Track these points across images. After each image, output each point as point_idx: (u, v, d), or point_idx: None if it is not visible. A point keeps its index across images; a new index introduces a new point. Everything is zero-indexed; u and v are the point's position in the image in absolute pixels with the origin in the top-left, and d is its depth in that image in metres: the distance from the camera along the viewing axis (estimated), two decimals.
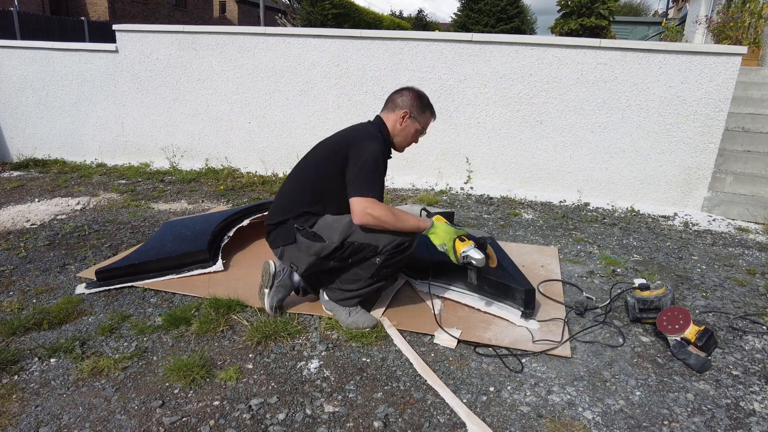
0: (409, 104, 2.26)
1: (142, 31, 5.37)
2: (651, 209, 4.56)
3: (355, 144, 2.13)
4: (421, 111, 2.29)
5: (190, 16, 27.25)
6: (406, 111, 2.26)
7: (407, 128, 2.29)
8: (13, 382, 1.84)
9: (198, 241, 2.87)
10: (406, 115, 2.26)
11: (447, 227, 2.16)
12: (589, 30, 14.14)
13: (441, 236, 2.12)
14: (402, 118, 2.26)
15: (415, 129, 2.30)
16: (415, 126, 2.29)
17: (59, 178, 5.05)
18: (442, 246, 2.12)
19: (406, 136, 2.31)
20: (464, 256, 2.08)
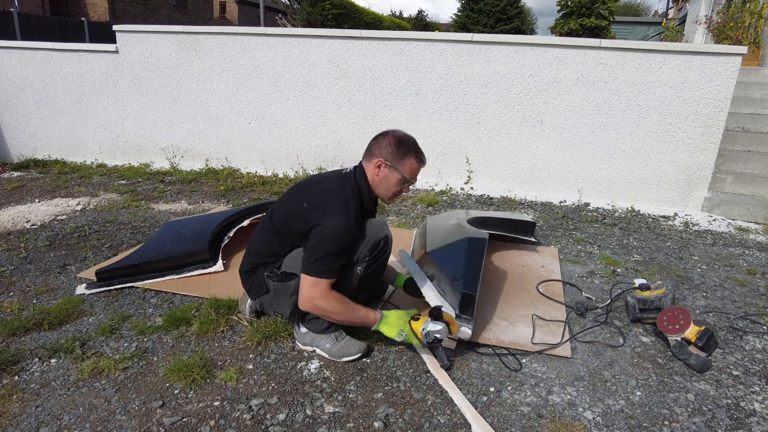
0: (385, 152, 1.98)
1: (143, 32, 5.37)
2: (651, 209, 4.56)
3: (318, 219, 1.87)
4: (399, 158, 1.98)
5: (190, 17, 27.26)
6: (380, 160, 1.98)
7: (386, 179, 2.00)
8: (14, 382, 1.84)
9: (198, 241, 2.87)
10: (382, 165, 1.98)
11: (397, 313, 1.96)
12: (589, 30, 14.15)
13: (394, 324, 1.93)
14: (378, 168, 1.99)
15: (396, 179, 2.00)
16: (394, 176, 1.99)
17: (59, 178, 5.05)
18: (400, 334, 1.91)
19: (388, 187, 2.02)
20: (425, 334, 1.90)
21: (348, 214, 1.88)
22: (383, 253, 2.00)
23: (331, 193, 1.95)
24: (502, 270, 2.98)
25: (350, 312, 1.91)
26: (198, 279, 2.70)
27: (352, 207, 1.92)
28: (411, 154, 2.01)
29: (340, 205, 1.90)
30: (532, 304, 2.54)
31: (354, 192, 1.98)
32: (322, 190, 1.98)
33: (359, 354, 2.00)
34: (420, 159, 2.04)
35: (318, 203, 1.92)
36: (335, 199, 1.92)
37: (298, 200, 1.99)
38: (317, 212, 1.89)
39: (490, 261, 3.11)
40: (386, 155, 1.98)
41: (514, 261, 3.14)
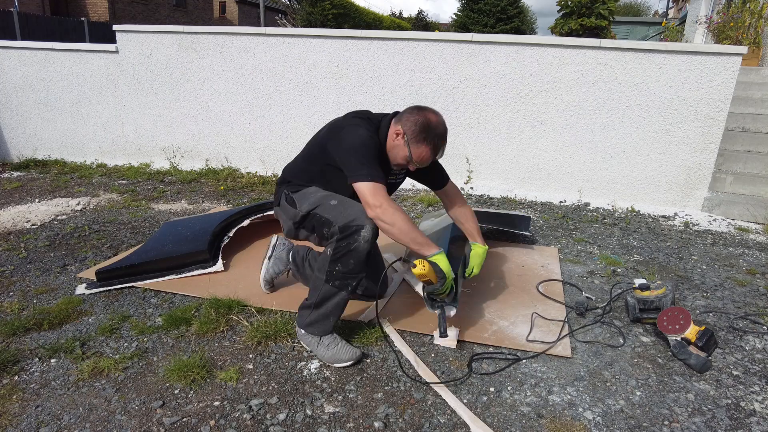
0: (409, 126, 2.00)
1: (143, 32, 5.37)
2: (651, 209, 4.56)
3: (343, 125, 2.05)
4: (416, 140, 2.00)
5: (190, 17, 27.26)
6: (401, 131, 2.01)
7: (396, 148, 2.05)
8: (14, 382, 1.84)
9: (198, 241, 2.87)
10: (399, 135, 2.02)
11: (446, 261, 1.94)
12: (589, 30, 14.16)
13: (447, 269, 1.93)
14: (396, 135, 2.04)
15: (404, 154, 2.03)
16: (405, 151, 2.03)
17: (59, 178, 5.05)
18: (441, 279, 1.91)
19: (395, 156, 2.08)
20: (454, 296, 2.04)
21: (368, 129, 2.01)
22: (353, 242, 1.88)
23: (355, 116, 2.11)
24: (502, 270, 2.98)
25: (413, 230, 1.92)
26: (198, 279, 2.70)
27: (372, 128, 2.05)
28: (428, 143, 2.01)
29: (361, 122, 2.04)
30: (532, 304, 2.54)
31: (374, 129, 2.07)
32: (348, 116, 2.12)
33: (351, 361, 1.97)
34: (434, 151, 2.05)
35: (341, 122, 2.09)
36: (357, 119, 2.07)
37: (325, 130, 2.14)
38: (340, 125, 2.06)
39: (490, 260, 3.11)
40: (407, 129, 2.01)
41: (514, 261, 3.14)
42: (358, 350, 2.02)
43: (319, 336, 2.01)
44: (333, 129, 2.09)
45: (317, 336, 2.02)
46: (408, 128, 2.00)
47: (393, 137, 2.05)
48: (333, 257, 1.92)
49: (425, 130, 2.00)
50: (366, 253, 1.91)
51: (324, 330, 2.01)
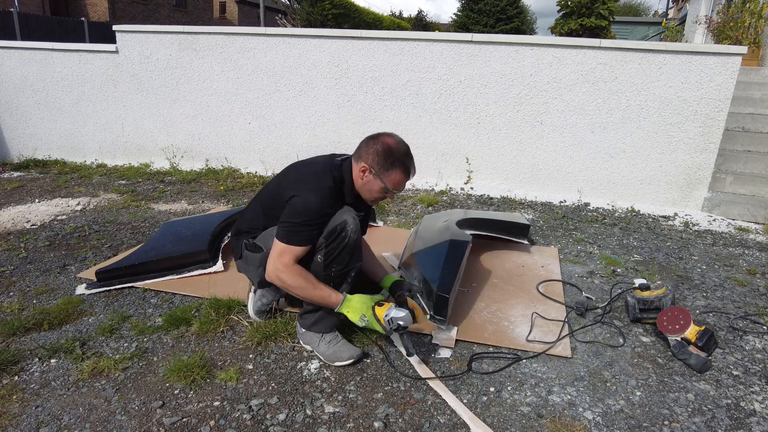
0: (372, 159, 1.92)
1: (143, 32, 5.37)
2: (651, 209, 4.56)
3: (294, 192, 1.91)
4: (384, 168, 1.92)
5: (190, 17, 27.26)
6: (365, 166, 1.93)
7: (369, 184, 1.97)
8: (14, 382, 1.84)
9: (198, 241, 2.87)
10: (366, 170, 1.94)
11: (361, 297, 1.95)
12: (589, 30, 14.16)
13: (356, 308, 1.92)
14: (362, 173, 1.95)
15: (378, 187, 1.95)
16: (377, 184, 1.95)
17: (59, 178, 5.05)
18: (362, 319, 1.90)
19: (371, 192, 2.00)
20: (388, 321, 1.89)
21: (323, 194, 1.89)
22: (342, 241, 1.89)
23: (313, 174, 1.98)
24: (502, 270, 2.98)
25: (312, 288, 1.89)
26: (198, 279, 2.70)
27: (328, 189, 1.92)
28: (397, 166, 1.94)
29: (317, 184, 1.92)
30: (532, 304, 2.54)
31: (336, 179, 1.97)
32: (307, 171, 2.01)
33: (351, 360, 1.97)
34: (406, 172, 1.98)
35: (298, 180, 1.97)
36: (315, 179, 1.95)
37: (285, 180, 2.05)
38: (295, 187, 1.93)
39: (490, 261, 3.11)
40: (372, 162, 1.93)
41: (514, 261, 3.14)
42: (358, 349, 2.03)
43: (321, 333, 2.02)
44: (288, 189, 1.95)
45: (319, 333, 2.03)
46: (371, 161, 1.93)
47: (360, 176, 1.97)
48: (326, 262, 1.93)
49: (388, 154, 1.93)
50: (356, 241, 1.94)
51: (327, 327, 2.03)
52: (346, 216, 1.92)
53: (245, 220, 2.20)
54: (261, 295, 2.26)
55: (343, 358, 1.98)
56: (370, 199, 2.05)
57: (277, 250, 1.88)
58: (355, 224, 1.92)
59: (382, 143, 1.94)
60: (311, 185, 1.92)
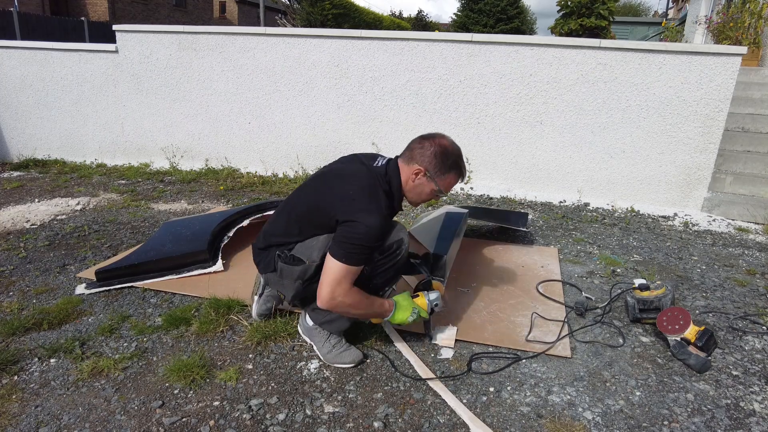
0: (428, 161, 1.87)
1: (142, 32, 5.37)
2: (651, 209, 4.56)
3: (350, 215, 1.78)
4: (441, 172, 1.89)
5: (190, 17, 27.26)
6: (420, 169, 1.88)
7: (420, 187, 1.92)
8: (13, 382, 1.84)
9: (198, 241, 2.87)
10: (420, 173, 1.89)
11: (402, 296, 1.98)
12: (589, 30, 14.16)
13: (406, 307, 1.95)
14: (415, 175, 1.90)
15: (431, 189, 1.92)
16: (430, 186, 1.91)
17: (59, 178, 5.05)
18: (413, 313, 1.95)
19: (420, 195, 1.95)
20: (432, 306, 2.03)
21: (382, 215, 1.81)
22: (396, 257, 1.91)
23: (364, 191, 1.84)
24: (501, 270, 2.98)
25: (370, 304, 1.87)
26: (197, 279, 2.70)
27: (385, 209, 1.85)
28: (454, 170, 1.92)
29: (375, 205, 1.81)
30: (531, 304, 2.54)
31: (386, 191, 1.89)
32: (355, 187, 1.86)
33: (353, 364, 1.98)
34: (460, 175, 1.96)
35: (350, 199, 1.82)
36: (369, 198, 1.82)
37: (327, 195, 1.90)
38: (349, 209, 1.80)
39: (490, 261, 3.11)
40: (428, 165, 1.88)
41: (513, 261, 3.14)
42: (360, 353, 2.02)
43: (330, 333, 2.01)
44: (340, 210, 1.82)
45: (327, 333, 2.01)
46: (427, 163, 1.88)
47: (413, 179, 1.91)
48: (372, 273, 1.89)
49: (445, 157, 1.89)
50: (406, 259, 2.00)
51: (338, 329, 2.01)
52: (403, 235, 1.93)
53: (276, 232, 2.03)
54: (266, 300, 2.24)
55: (345, 361, 1.98)
56: (418, 200, 2.00)
57: (337, 275, 1.76)
58: (408, 242, 1.94)
59: (438, 145, 1.89)
60: (369, 208, 1.79)
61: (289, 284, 1.97)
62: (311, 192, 2.00)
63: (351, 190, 1.85)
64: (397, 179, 1.93)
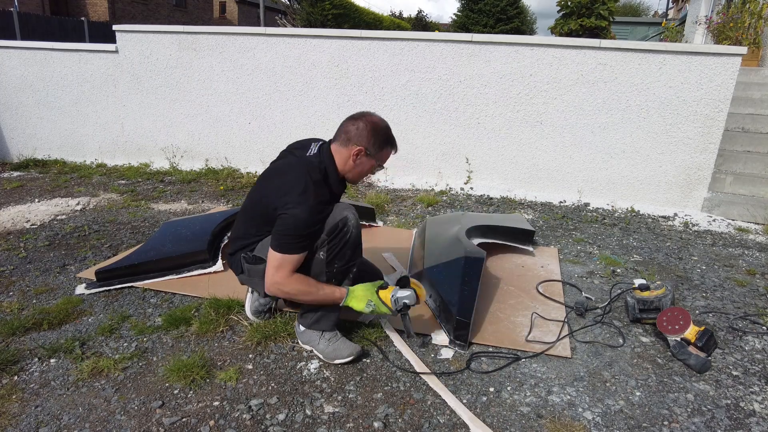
0: (365, 141, 1.97)
1: (142, 32, 5.37)
2: (651, 209, 4.56)
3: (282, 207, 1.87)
4: (378, 148, 2.00)
5: (190, 17, 27.26)
6: (361, 148, 1.96)
7: (361, 165, 2.02)
8: (13, 382, 1.84)
9: (198, 241, 2.87)
10: (361, 153, 1.98)
11: (363, 285, 2.00)
12: (589, 30, 14.16)
13: (361, 296, 1.97)
14: (356, 155, 1.98)
15: (371, 165, 2.04)
16: (371, 163, 2.03)
17: (59, 178, 5.05)
18: (369, 305, 1.95)
19: (360, 173, 2.06)
20: (394, 301, 1.96)
21: (310, 206, 1.86)
22: (345, 235, 1.93)
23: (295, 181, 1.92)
24: (501, 270, 2.98)
25: (315, 291, 1.93)
26: (197, 279, 2.70)
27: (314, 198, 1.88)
28: (388, 145, 2.04)
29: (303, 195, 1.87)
30: (531, 304, 2.54)
31: (318, 180, 1.94)
32: (287, 178, 1.95)
33: (351, 357, 1.98)
34: (394, 147, 2.09)
35: (282, 191, 1.92)
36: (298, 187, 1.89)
37: (266, 190, 2.01)
38: (280, 201, 1.89)
39: (490, 261, 3.11)
40: (367, 144, 1.97)
41: (513, 261, 3.14)
42: (358, 346, 2.03)
43: (322, 331, 2.03)
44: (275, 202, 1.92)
45: (320, 331, 2.03)
46: (365, 142, 1.97)
47: (353, 159, 1.99)
48: (328, 259, 1.94)
49: (378, 133, 1.99)
50: (358, 236, 1.99)
51: (328, 325, 2.04)
52: (347, 212, 1.94)
53: (238, 235, 2.16)
54: (258, 296, 2.25)
55: (343, 355, 1.98)
56: (358, 178, 2.09)
57: (275, 263, 1.89)
58: (356, 220, 1.96)
59: (372, 122, 1.99)
60: (298, 200, 1.87)
61: (258, 281, 2.05)
62: (256, 191, 2.12)
63: (283, 184, 1.94)
64: (333, 164, 2.01)
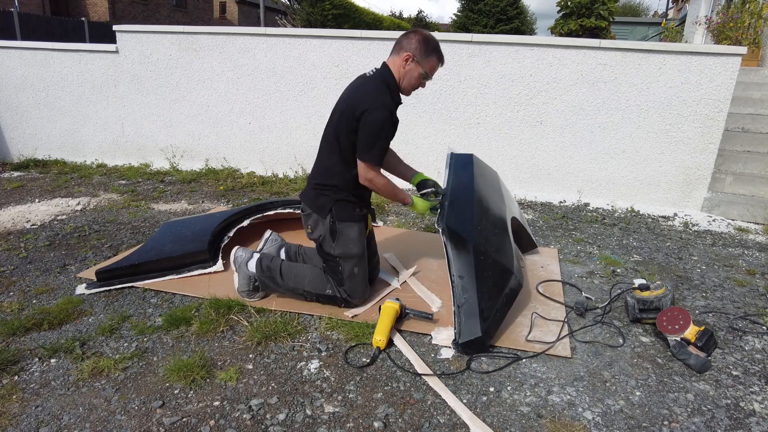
0: (414, 47, 2.24)
1: (143, 32, 5.37)
2: (651, 209, 4.56)
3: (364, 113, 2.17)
4: (424, 55, 2.25)
5: (191, 17, 27.26)
6: (409, 54, 2.23)
7: (410, 72, 2.27)
8: (14, 382, 1.84)
9: (198, 241, 2.87)
10: (409, 59, 2.24)
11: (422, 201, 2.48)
12: (588, 31, 14.16)
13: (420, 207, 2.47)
14: (405, 62, 2.24)
15: (418, 73, 2.28)
16: (418, 70, 2.27)
17: (59, 178, 5.06)
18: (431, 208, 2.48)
19: (410, 80, 2.30)
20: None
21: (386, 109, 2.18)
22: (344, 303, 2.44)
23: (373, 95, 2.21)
24: None
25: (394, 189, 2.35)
26: (198, 279, 2.70)
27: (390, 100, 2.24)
28: (434, 54, 2.27)
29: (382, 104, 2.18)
30: (531, 304, 2.55)
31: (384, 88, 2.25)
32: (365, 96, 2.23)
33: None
34: (440, 59, 2.31)
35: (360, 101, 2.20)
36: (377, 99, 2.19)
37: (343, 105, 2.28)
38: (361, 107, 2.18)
39: None
40: (414, 50, 2.23)
41: None
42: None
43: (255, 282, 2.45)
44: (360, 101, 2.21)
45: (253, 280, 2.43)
46: (413, 49, 2.23)
47: (403, 65, 2.26)
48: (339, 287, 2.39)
49: (427, 43, 2.25)
50: None
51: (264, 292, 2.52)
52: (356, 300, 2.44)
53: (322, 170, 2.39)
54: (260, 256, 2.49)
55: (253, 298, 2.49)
56: (409, 88, 2.34)
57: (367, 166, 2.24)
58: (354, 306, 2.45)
59: (420, 34, 2.27)
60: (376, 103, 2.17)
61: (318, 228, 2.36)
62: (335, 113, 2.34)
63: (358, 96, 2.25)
64: (390, 75, 2.29)
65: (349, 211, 2.35)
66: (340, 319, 2.30)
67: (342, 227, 2.33)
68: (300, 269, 2.44)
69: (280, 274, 2.39)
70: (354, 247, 2.34)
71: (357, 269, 2.36)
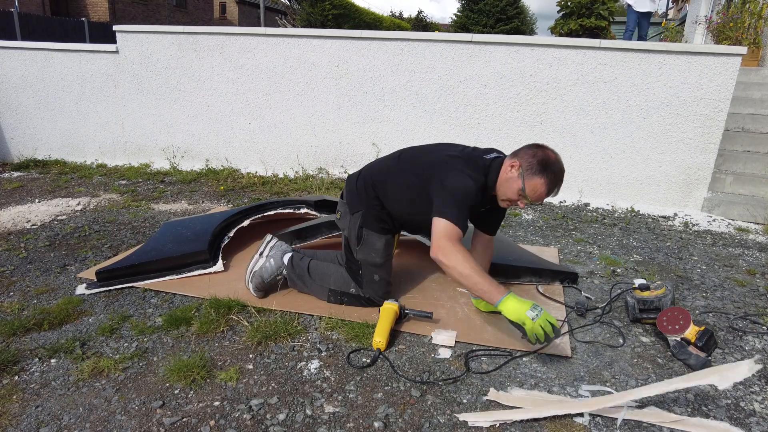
0: (526, 160, 2.01)
1: (143, 32, 5.38)
2: (651, 209, 4.56)
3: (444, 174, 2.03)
4: (532, 173, 1.98)
5: (191, 17, 27.28)
6: (517, 162, 2.01)
7: (509, 181, 2.03)
8: (14, 382, 1.84)
9: (198, 241, 2.87)
10: (515, 166, 2.02)
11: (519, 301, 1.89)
12: (588, 30, 14.17)
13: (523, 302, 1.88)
14: (510, 167, 2.03)
15: (517, 186, 2.01)
16: (518, 184, 2.00)
17: (59, 178, 5.06)
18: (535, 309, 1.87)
19: (506, 191, 2.05)
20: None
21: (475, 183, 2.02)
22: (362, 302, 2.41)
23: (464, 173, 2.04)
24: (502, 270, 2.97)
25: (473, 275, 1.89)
26: (198, 279, 2.70)
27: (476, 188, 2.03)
28: (544, 177, 1.99)
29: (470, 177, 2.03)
30: None
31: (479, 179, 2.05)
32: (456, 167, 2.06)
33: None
34: (550, 186, 2.02)
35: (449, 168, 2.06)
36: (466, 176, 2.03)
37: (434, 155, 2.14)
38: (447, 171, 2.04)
39: None
40: (524, 162, 2.02)
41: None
42: None
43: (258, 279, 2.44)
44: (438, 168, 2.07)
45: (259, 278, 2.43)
46: (524, 161, 2.01)
47: (507, 169, 2.04)
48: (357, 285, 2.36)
49: (543, 164, 1.99)
50: None
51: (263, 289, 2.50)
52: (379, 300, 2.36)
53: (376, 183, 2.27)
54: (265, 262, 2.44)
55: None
56: (503, 197, 2.09)
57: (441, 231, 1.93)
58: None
59: (544, 152, 2.03)
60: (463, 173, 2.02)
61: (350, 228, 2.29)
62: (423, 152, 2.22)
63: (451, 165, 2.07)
64: (495, 174, 2.08)
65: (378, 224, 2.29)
66: (341, 319, 2.30)
67: (368, 234, 2.28)
68: (326, 267, 2.44)
69: (308, 272, 2.41)
70: (377, 257, 2.29)
71: (377, 276, 2.33)
